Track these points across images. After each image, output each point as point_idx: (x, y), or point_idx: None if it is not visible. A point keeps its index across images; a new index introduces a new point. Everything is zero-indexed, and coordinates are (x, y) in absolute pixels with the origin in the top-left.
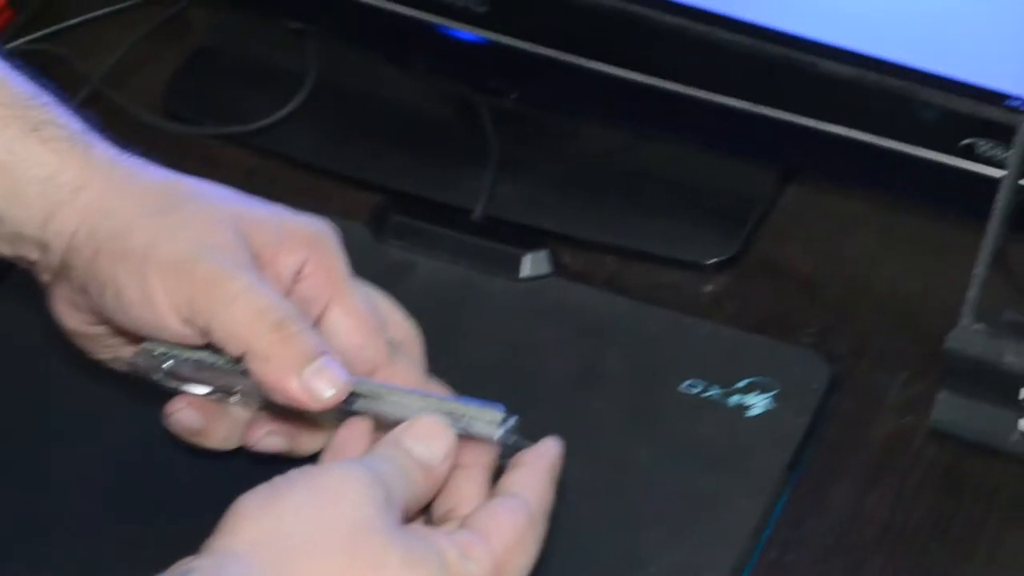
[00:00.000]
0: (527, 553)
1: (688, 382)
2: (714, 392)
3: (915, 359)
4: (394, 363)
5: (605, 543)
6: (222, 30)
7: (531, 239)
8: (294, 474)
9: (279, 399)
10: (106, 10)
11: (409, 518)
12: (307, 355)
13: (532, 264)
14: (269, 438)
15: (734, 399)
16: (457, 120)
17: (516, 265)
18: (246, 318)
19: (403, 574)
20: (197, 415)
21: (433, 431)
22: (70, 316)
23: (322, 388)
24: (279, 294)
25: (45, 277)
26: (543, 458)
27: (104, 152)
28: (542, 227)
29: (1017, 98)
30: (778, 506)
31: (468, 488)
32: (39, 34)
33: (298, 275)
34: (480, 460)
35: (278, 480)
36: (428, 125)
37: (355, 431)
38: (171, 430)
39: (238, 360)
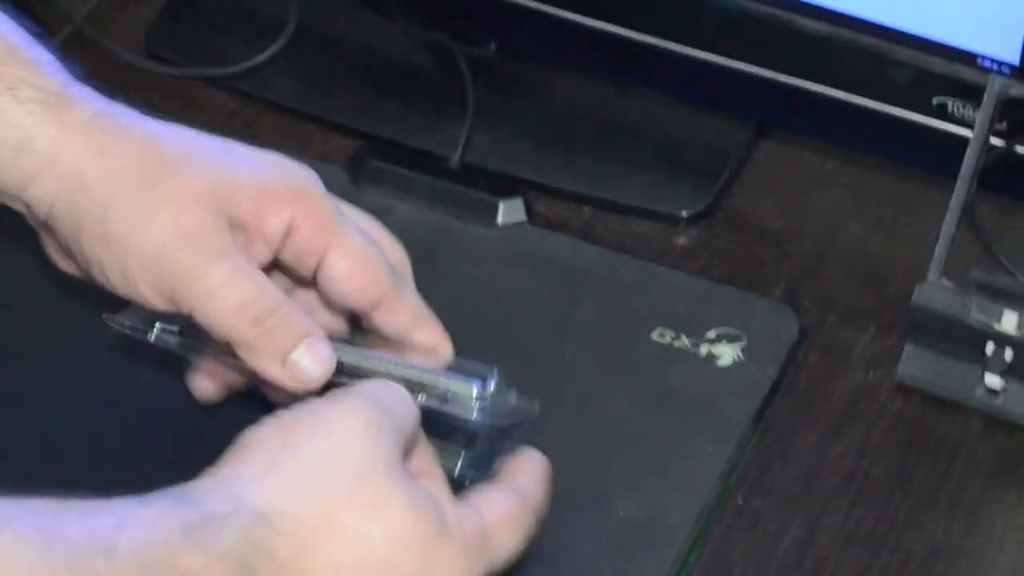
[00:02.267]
0: (516, 536)
1: (659, 331)
2: (684, 341)
3: (883, 314)
4: (400, 293)
5: (574, 486)
6: None
7: (507, 187)
8: (302, 408)
9: (268, 381)
10: None
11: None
12: (290, 342)
13: (507, 211)
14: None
15: (703, 348)
16: (436, 68)
17: (491, 212)
18: (227, 313)
19: (402, 516)
20: (211, 385)
21: None
22: (62, 261)
23: (308, 371)
24: (258, 279)
25: (33, 225)
26: (539, 464)
27: (81, 113)
28: (518, 176)
29: (988, 58)
30: (744, 454)
31: None
32: None
33: (287, 233)
34: None
35: (285, 414)
36: (407, 73)
37: None
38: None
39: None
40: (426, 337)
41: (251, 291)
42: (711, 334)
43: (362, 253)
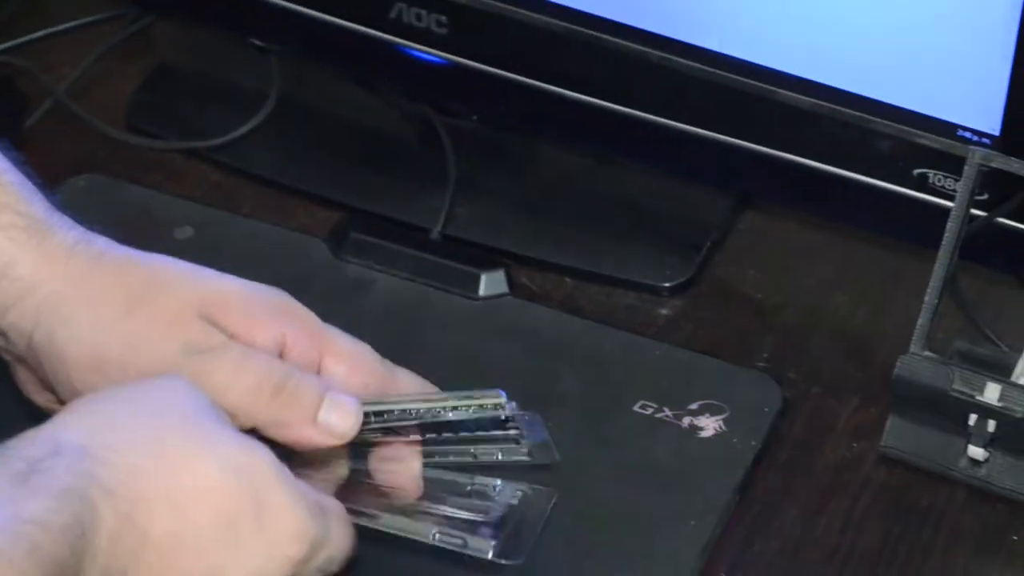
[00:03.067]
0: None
1: (641, 402)
2: (667, 413)
3: (866, 386)
4: (395, 377)
5: (555, 560)
6: (186, 47)
7: (488, 259)
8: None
9: (305, 449)
10: (71, 24)
11: None
12: (314, 402)
13: (489, 283)
14: None
15: (686, 420)
16: (417, 140)
17: (474, 284)
18: (245, 397)
19: (237, 452)
20: None
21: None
22: (39, 395)
23: (339, 425)
24: (262, 356)
25: (9, 359)
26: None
27: (63, 240)
28: (500, 247)
29: (968, 129)
30: (728, 527)
31: None
32: (3, 46)
33: (280, 349)
34: None
35: (109, 388)
36: (389, 144)
37: None
38: None
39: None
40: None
41: (261, 368)
42: (694, 406)
43: (355, 354)
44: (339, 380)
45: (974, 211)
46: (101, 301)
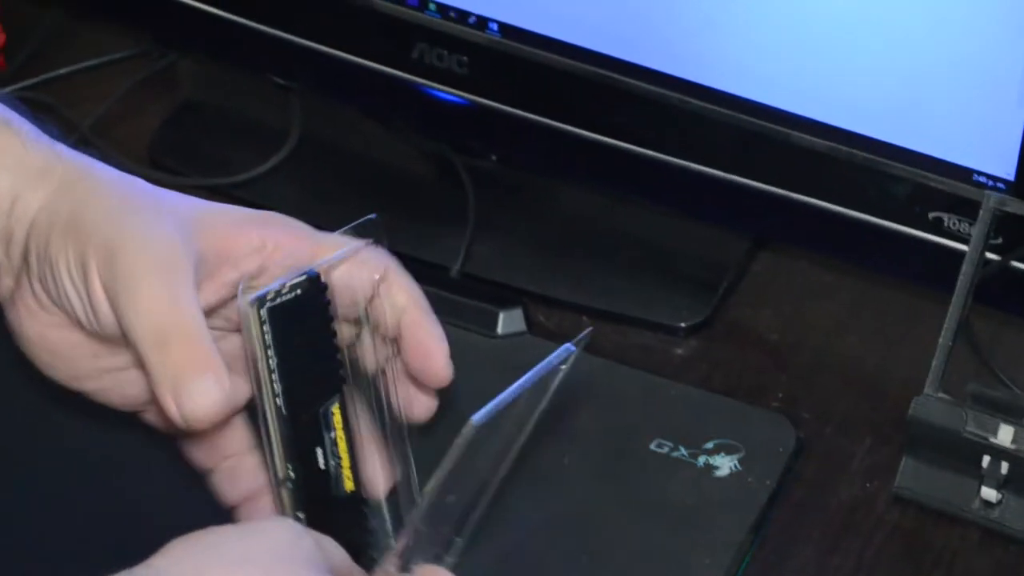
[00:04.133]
0: None
1: (657, 441)
2: (682, 452)
3: (880, 426)
4: (398, 271)
5: None
6: (209, 84)
7: (507, 297)
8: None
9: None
10: (95, 61)
11: None
12: (188, 371)
13: (507, 322)
14: None
15: (702, 459)
16: (437, 179)
17: (492, 322)
18: (142, 335)
19: None
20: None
21: None
22: (33, 320)
23: (198, 407)
24: (190, 309)
25: (7, 282)
26: None
27: (65, 148)
28: (518, 286)
29: (984, 174)
30: (742, 567)
31: None
32: (28, 83)
33: (267, 251)
34: None
35: (206, 531)
36: (408, 183)
37: None
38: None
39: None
40: (421, 329)
41: (166, 317)
42: (709, 445)
43: (350, 248)
44: (339, 273)
45: (989, 255)
46: (103, 194)
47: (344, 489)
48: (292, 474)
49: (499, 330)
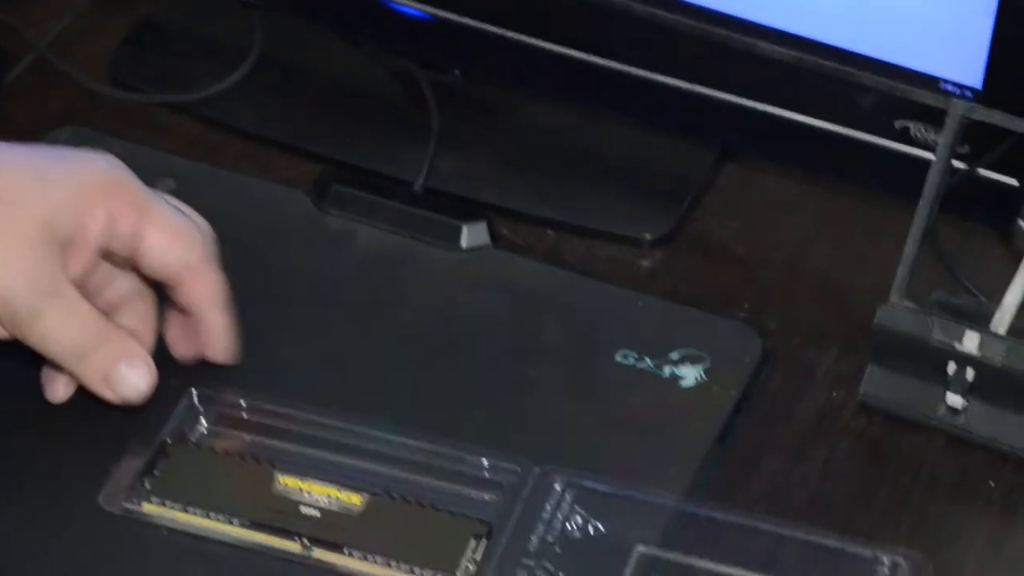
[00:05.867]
0: None
1: (622, 352)
2: (647, 363)
3: (846, 336)
4: (208, 267)
5: None
6: (169, 1)
7: (471, 211)
8: None
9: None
10: None
11: None
12: (114, 366)
13: (471, 235)
14: None
15: (667, 370)
16: (400, 94)
17: (455, 235)
18: (60, 355)
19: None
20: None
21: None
22: None
23: (130, 390)
24: (86, 316)
25: None
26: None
27: None
28: (482, 200)
29: (950, 82)
30: (708, 477)
31: None
32: None
33: (111, 224)
34: None
35: None
36: (371, 98)
37: None
38: None
39: None
40: (215, 327)
41: (79, 333)
42: (674, 355)
43: (177, 225)
44: (158, 247)
45: (955, 163)
46: None
47: None
48: None
49: (463, 243)
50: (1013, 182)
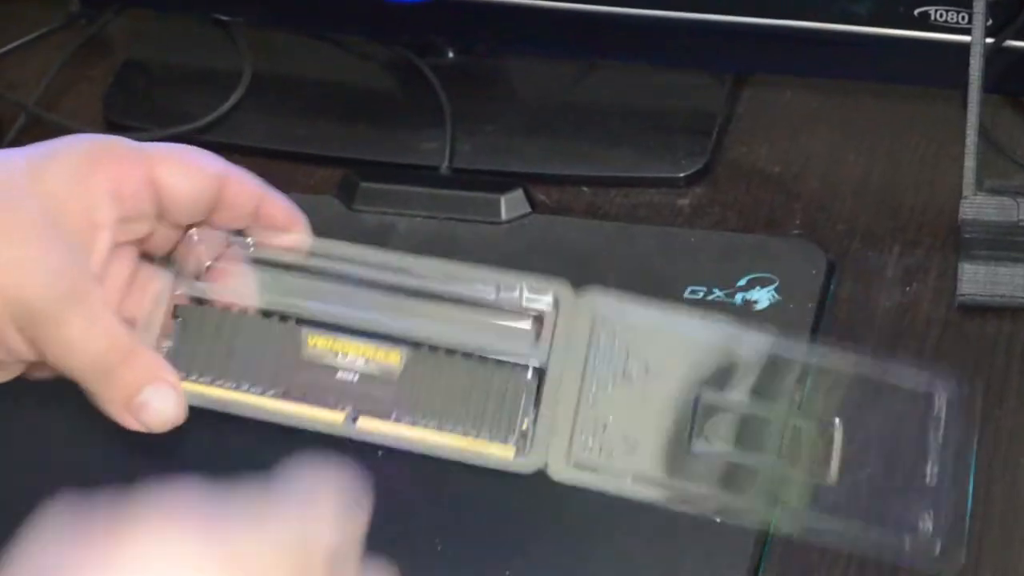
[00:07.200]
0: None
1: (690, 289)
2: (717, 294)
3: (902, 233)
4: (238, 174)
5: None
6: (147, 40)
7: (503, 182)
8: None
9: None
10: (26, 38)
11: None
12: (135, 387)
13: (510, 205)
14: None
15: (739, 297)
16: (399, 83)
17: (495, 209)
18: (78, 369)
19: None
20: None
21: None
22: None
23: (154, 418)
24: (110, 329)
25: None
26: None
27: None
28: (511, 170)
29: None
30: (805, 392)
31: None
32: None
33: (118, 187)
34: None
35: None
36: (372, 92)
37: None
38: None
39: None
40: (275, 203)
41: (100, 342)
42: (742, 281)
43: (182, 149)
44: (178, 176)
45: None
46: None
47: None
48: None
49: (503, 215)
50: None
